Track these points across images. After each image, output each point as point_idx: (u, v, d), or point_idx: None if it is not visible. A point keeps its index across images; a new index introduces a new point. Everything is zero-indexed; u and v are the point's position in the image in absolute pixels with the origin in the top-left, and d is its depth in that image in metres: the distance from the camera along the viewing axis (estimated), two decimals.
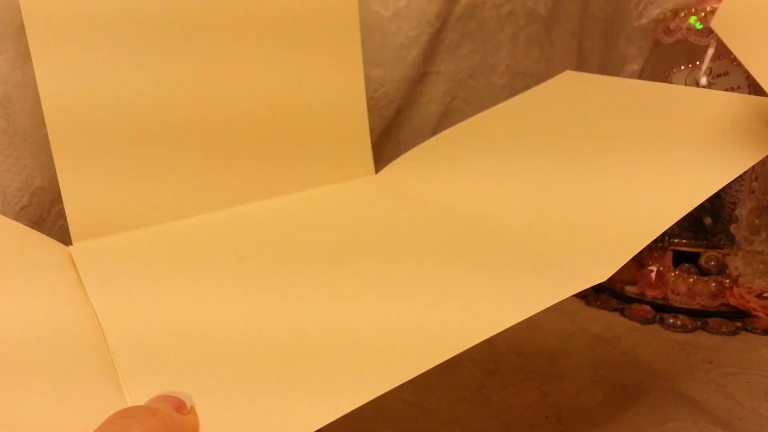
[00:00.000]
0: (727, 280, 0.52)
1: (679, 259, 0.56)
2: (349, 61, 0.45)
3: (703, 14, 0.54)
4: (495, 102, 0.60)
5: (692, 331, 0.51)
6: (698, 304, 0.53)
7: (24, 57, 0.37)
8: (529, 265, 0.32)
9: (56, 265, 0.34)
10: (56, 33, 0.36)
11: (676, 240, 0.55)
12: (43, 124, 0.38)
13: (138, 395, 0.25)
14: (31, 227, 0.39)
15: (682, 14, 0.55)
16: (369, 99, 0.52)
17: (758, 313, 0.50)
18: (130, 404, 0.25)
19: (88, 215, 0.37)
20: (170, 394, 0.24)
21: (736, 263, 0.53)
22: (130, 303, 0.31)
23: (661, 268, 0.55)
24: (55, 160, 0.37)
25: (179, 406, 0.24)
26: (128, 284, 0.33)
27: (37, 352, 0.26)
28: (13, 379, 0.24)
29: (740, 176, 0.54)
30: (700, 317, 0.51)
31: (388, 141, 0.55)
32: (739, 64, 0.55)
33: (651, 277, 0.55)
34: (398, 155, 0.56)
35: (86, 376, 0.26)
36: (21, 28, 0.36)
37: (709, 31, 0.54)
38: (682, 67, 0.57)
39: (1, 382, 0.24)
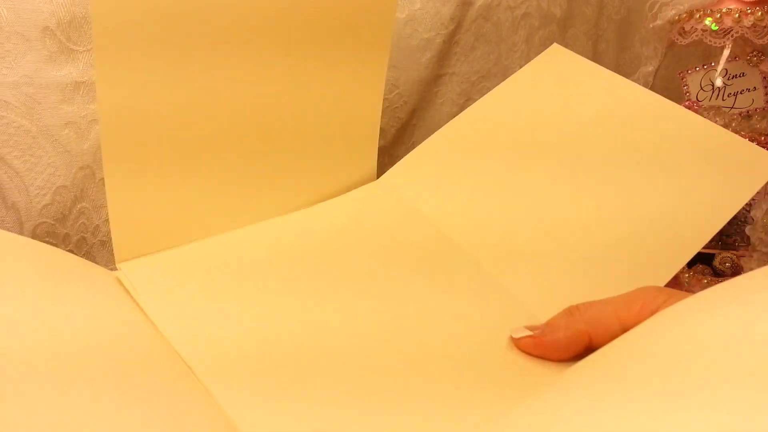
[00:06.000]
0: None
1: (694, 260, 0.55)
2: (374, 71, 0.45)
3: (718, 15, 0.54)
4: None
5: None
6: None
7: (48, 58, 0.38)
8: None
9: (105, 288, 0.34)
10: (121, 39, 0.35)
11: None
12: (67, 124, 0.39)
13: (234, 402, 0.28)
14: (52, 224, 0.40)
15: (697, 15, 0.55)
16: (384, 100, 0.53)
17: None
18: (228, 412, 0.27)
19: (132, 232, 0.37)
20: None
21: (751, 265, 0.52)
22: (192, 317, 0.32)
23: None
24: (105, 169, 0.36)
25: None
26: (184, 300, 0.34)
27: (112, 369, 0.27)
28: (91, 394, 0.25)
29: None
30: None
31: (403, 142, 0.56)
32: (756, 65, 0.55)
33: None
34: None
35: (172, 388, 0.28)
36: (45, 30, 0.37)
37: (724, 32, 0.54)
38: (697, 69, 0.57)
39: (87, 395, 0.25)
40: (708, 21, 0.54)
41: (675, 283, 0.54)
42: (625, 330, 0.27)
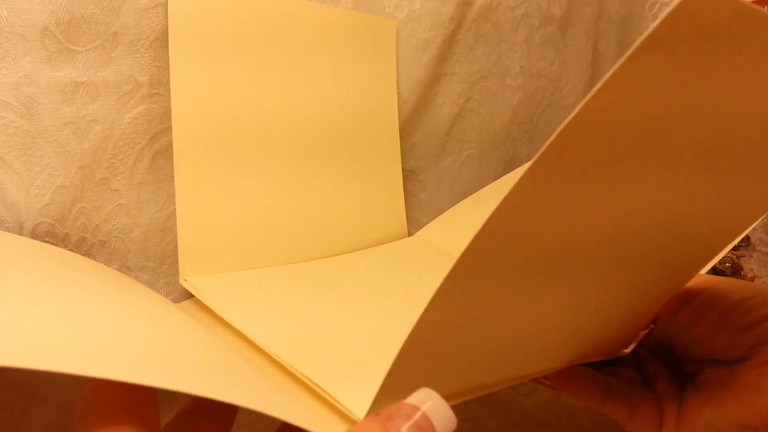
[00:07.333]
0: None
1: None
2: (389, 148, 0.52)
3: None
4: (509, 103, 0.60)
5: None
6: None
7: (47, 58, 0.38)
8: None
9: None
10: (197, 43, 0.40)
11: None
12: (66, 124, 0.39)
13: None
14: (52, 224, 0.40)
15: None
16: None
17: None
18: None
19: (197, 254, 0.42)
20: (415, 404, 0.19)
21: (751, 265, 0.52)
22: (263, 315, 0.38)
23: None
24: (176, 176, 0.41)
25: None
26: (250, 303, 0.39)
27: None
28: None
29: None
30: None
31: (403, 142, 0.56)
32: None
33: None
34: (413, 157, 0.56)
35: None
36: (44, 30, 0.37)
37: None
38: None
39: None
40: None
41: None
42: None
